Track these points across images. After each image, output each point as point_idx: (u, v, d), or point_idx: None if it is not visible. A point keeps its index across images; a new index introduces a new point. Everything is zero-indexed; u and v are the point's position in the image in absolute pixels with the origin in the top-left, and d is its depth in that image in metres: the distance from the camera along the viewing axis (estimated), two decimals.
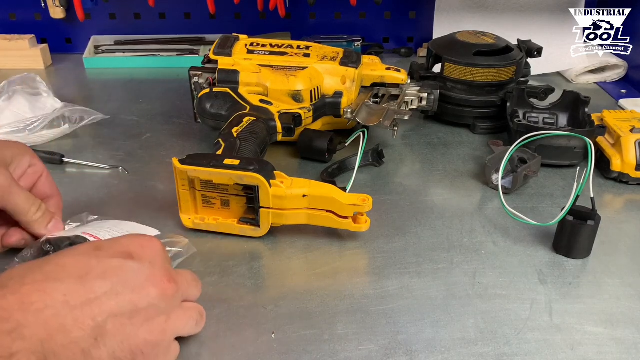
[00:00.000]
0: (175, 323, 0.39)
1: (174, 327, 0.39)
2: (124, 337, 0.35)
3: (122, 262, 0.38)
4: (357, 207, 0.53)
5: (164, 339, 0.38)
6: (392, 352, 0.43)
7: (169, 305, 0.39)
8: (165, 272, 0.39)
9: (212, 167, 0.53)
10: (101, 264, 0.37)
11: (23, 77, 0.80)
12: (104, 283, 0.36)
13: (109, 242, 0.40)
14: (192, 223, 0.56)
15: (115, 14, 1.08)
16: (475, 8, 1.03)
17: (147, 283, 0.38)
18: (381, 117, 0.67)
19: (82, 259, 0.37)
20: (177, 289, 0.39)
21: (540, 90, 0.79)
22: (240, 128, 0.62)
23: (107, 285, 0.36)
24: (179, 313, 0.40)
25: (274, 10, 1.01)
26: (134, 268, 0.38)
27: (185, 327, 0.41)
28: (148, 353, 0.37)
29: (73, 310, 0.34)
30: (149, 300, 0.37)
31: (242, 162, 0.53)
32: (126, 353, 0.35)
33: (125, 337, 0.35)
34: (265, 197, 0.53)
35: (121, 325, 0.35)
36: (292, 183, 0.53)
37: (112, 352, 0.35)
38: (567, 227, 0.53)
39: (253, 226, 0.55)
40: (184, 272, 0.43)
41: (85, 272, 0.36)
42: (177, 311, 0.40)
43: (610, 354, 0.43)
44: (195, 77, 0.72)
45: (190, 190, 0.55)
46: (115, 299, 0.36)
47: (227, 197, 0.55)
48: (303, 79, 0.68)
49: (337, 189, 0.54)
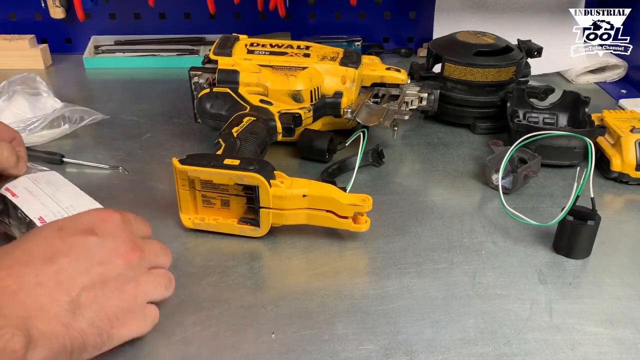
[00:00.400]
0: (144, 288, 0.42)
1: (144, 292, 0.42)
2: (98, 307, 0.39)
3: (85, 239, 0.40)
4: (357, 207, 0.53)
5: (136, 303, 0.41)
6: (392, 352, 0.43)
7: (136, 273, 0.42)
8: (128, 242, 0.42)
9: (212, 167, 0.53)
10: (66, 243, 0.39)
11: (23, 77, 0.80)
12: (72, 260, 0.39)
13: (71, 221, 0.42)
14: (192, 223, 0.56)
15: (115, 14, 1.08)
16: (475, 8, 1.03)
17: (112, 254, 0.41)
18: (381, 117, 0.67)
19: (47, 240, 0.39)
20: (143, 256, 0.42)
21: (540, 90, 0.79)
22: (240, 128, 0.62)
23: (75, 262, 0.39)
24: (147, 279, 0.43)
25: (274, 10, 1.01)
26: (98, 242, 0.40)
27: (155, 292, 0.43)
28: (123, 317, 0.40)
29: (47, 289, 0.37)
30: (116, 270, 0.40)
31: (242, 162, 0.53)
32: (104, 321, 0.39)
33: (100, 307, 0.39)
34: (265, 197, 0.53)
35: (94, 297, 0.39)
36: (292, 183, 0.53)
37: (90, 322, 0.38)
38: (567, 227, 0.53)
39: (253, 226, 0.55)
40: (152, 241, 0.46)
41: (52, 253, 0.38)
42: (146, 277, 0.43)
43: (610, 354, 0.43)
44: (195, 77, 0.72)
45: (190, 190, 0.55)
46: (85, 273, 0.39)
47: (227, 197, 0.55)
48: (303, 79, 0.68)
49: (337, 189, 0.54)
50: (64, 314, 0.37)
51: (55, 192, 0.54)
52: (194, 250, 0.54)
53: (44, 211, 0.51)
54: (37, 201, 0.52)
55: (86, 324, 0.38)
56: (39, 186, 0.54)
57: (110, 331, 0.39)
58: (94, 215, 0.43)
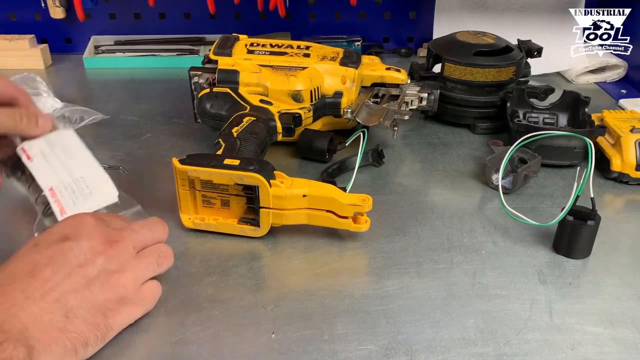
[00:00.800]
0: (133, 273, 0.44)
1: (133, 277, 0.44)
2: (88, 305, 0.41)
3: (61, 246, 0.42)
4: (357, 207, 0.53)
5: (127, 290, 0.43)
6: (392, 352, 0.43)
7: (120, 263, 0.43)
8: (104, 239, 0.43)
9: (212, 167, 0.53)
10: (44, 255, 0.41)
11: (23, 77, 0.80)
12: (53, 269, 0.40)
13: (44, 236, 0.43)
14: (192, 223, 0.56)
15: (115, 14, 1.07)
16: (475, 8, 1.03)
17: (90, 254, 0.42)
18: (381, 117, 0.67)
19: (26, 258, 0.41)
20: (123, 245, 0.44)
21: (540, 90, 0.79)
22: (240, 128, 0.62)
23: (56, 270, 0.40)
24: (133, 264, 0.44)
25: (274, 10, 1.01)
26: (74, 246, 0.42)
27: (146, 272, 0.45)
28: (116, 307, 0.42)
29: (36, 301, 0.39)
30: (98, 268, 0.42)
31: (242, 162, 0.53)
32: (97, 316, 0.41)
33: (90, 304, 0.41)
34: (265, 197, 0.53)
35: (82, 297, 0.40)
36: (292, 183, 0.53)
37: (85, 320, 0.40)
38: (567, 227, 0.53)
39: (253, 226, 0.55)
40: (131, 225, 0.47)
41: (32, 267, 0.40)
42: (132, 262, 0.44)
43: (610, 354, 0.43)
44: (195, 77, 0.72)
45: (190, 190, 0.55)
46: (68, 278, 0.40)
47: (227, 197, 0.55)
48: (303, 79, 0.68)
49: (337, 189, 0.54)
50: (57, 319, 0.39)
51: (68, 159, 0.54)
52: (194, 250, 0.54)
53: (55, 181, 0.52)
54: (50, 168, 0.53)
55: (81, 323, 0.40)
56: (54, 151, 0.54)
57: (106, 322, 0.41)
58: (66, 224, 0.44)
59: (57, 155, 0.54)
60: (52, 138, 0.56)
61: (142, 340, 0.44)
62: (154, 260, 0.46)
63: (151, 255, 0.46)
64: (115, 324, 0.42)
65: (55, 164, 0.53)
